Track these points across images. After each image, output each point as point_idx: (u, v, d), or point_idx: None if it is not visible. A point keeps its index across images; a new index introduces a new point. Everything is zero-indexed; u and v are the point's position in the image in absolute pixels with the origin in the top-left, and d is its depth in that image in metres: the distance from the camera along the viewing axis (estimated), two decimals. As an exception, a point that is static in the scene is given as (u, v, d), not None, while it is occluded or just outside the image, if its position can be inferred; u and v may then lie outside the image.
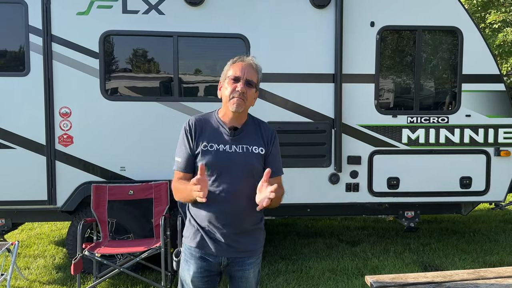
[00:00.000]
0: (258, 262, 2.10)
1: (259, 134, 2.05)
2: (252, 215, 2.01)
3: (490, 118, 4.39)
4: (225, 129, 2.01)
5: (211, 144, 1.97)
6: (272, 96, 4.16)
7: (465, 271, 2.41)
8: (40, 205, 4.02)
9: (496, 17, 10.19)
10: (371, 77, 4.24)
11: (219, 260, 1.99)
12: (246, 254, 2.02)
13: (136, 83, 4.15)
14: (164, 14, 4.01)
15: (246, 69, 1.97)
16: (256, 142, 2.02)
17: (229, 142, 1.98)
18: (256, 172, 2.00)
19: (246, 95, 1.96)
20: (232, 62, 2.03)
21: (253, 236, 2.05)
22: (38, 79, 3.92)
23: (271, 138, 2.07)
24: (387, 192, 4.35)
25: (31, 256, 4.73)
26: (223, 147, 1.97)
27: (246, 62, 2.00)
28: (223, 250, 1.98)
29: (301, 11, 4.13)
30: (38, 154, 3.97)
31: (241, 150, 1.98)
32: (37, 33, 3.90)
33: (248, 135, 2.03)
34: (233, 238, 1.98)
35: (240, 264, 2.02)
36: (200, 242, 2.00)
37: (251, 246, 2.04)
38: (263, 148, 2.02)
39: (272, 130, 2.11)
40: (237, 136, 2.00)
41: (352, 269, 4.26)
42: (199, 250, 2.00)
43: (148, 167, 4.08)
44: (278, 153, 2.11)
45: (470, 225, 5.90)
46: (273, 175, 2.05)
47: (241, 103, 1.95)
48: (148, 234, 4.06)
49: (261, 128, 2.08)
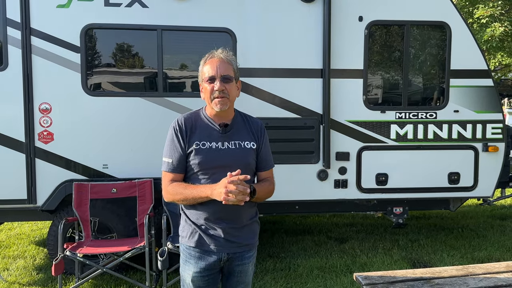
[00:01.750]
0: (255, 255, 2.15)
1: (249, 128, 2.07)
2: (250, 209, 2.05)
3: (478, 114, 4.45)
4: (215, 126, 2.01)
5: (203, 142, 1.97)
6: (259, 92, 4.14)
7: (454, 268, 2.44)
8: (19, 204, 3.95)
9: (484, 12, 10.31)
10: (360, 72, 4.25)
11: (219, 257, 2.01)
12: (245, 248, 2.05)
13: (119, 78, 4.09)
14: (148, 7, 3.96)
15: (219, 65, 1.96)
16: (247, 137, 2.04)
17: (221, 139, 1.99)
18: (250, 166, 2.03)
19: (226, 91, 1.95)
20: (204, 62, 2.02)
21: (251, 229, 2.08)
22: (17, 74, 3.83)
23: (260, 131, 2.09)
24: (375, 189, 4.38)
25: (11, 257, 4.65)
26: (215, 145, 1.98)
27: (217, 58, 1.98)
28: (223, 246, 1.99)
29: (289, 5, 4.12)
30: (17, 151, 3.89)
31: (234, 146, 2.00)
32: (15, 26, 3.81)
33: (238, 130, 2.04)
34: (231, 233, 1.99)
35: (240, 259, 2.05)
36: (198, 241, 2.00)
37: (250, 240, 2.07)
38: (254, 143, 2.04)
39: (260, 123, 2.13)
40: (228, 132, 2.01)
41: (340, 266, 4.29)
42: (198, 249, 2.01)
43: (132, 164, 4.03)
44: (269, 146, 2.14)
45: (458, 221, 5.98)
46: (267, 168, 2.11)
47: (224, 101, 1.96)
48: (132, 233, 4.02)
49: (249, 122, 2.10)
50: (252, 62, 4.13)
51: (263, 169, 2.10)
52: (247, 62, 4.10)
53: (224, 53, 2.01)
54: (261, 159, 2.08)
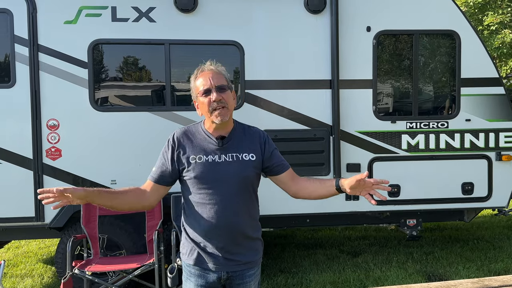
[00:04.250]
0: (258, 273, 2.10)
1: (249, 139, 2.03)
2: (249, 226, 2.01)
3: (491, 122, 4.45)
4: (212, 139, 1.99)
5: (199, 156, 1.95)
6: (268, 104, 4.18)
7: (470, 280, 2.42)
8: (27, 222, 3.98)
9: (494, 19, 10.35)
10: (369, 82, 4.28)
11: (219, 275, 1.98)
12: (246, 266, 2.01)
13: (126, 93, 4.15)
14: (155, 21, 4.04)
15: (211, 77, 1.94)
16: (246, 149, 2.00)
17: (217, 152, 1.96)
18: (249, 179, 1.99)
19: (224, 101, 1.93)
20: (194, 77, 2.01)
21: (252, 246, 2.04)
22: (24, 91, 3.91)
23: (263, 140, 2.05)
24: (388, 200, 4.36)
25: (18, 275, 4.67)
26: (212, 158, 1.95)
27: (207, 70, 1.98)
28: (222, 265, 1.97)
29: (296, 17, 4.18)
30: (25, 168, 3.94)
31: (231, 159, 1.96)
32: (23, 43, 3.90)
33: (236, 142, 2.00)
34: (231, 251, 1.97)
35: (240, 277, 2.01)
36: (197, 259, 1.99)
37: (251, 257, 2.03)
38: (253, 155, 1.99)
39: (261, 131, 2.09)
40: (225, 145, 1.98)
41: (354, 281, 4.26)
42: (197, 267, 2.00)
43: (140, 179, 4.03)
44: (277, 150, 2.10)
45: (473, 232, 5.93)
46: (285, 168, 2.07)
47: (224, 112, 1.93)
48: (141, 250, 4.03)
49: (249, 133, 2.06)
50: (260, 74, 4.18)
51: (282, 171, 2.05)
52: (255, 74, 4.15)
53: (213, 65, 2.00)
54: (276, 164, 2.05)
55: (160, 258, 3.79)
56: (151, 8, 4.02)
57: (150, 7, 4.02)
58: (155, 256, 3.67)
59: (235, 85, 4.23)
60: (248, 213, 2.01)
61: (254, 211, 2.06)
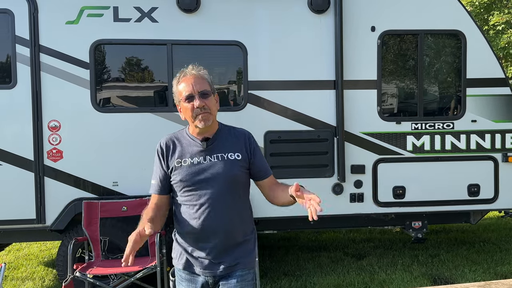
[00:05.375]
0: (250, 279, 2.03)
1: (233, 140, 2.04)
2: (238, 228, 2.00)
3: (497, 123, 4.43)
4: (197, 142, 2.00)
5: (184, 159, 1.97)
6: (271, 104, 4.17)
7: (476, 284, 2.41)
8: (28, 224, 3.98)
9: (499, 18, 10.31)
10: (373, 83, 4.27)
11: (206, 279, 1.98)
12: (233, 268, 1.99)
13: (128, 94, 4.15)
14: (158, 21, 4.03)
15: (194, 82, 1.94)
16: (230, 148, 2.01)
17: (202, 153, 1.98)
18: (236, 179, 1.99)
19: (207, 107, 1.94)
20: (177, 82, 2.01)
21: (242, 249, 2.01)
22: (26, 92, 3.90)
23: (247, 140, 2.05)
24: (393, 202, 4.36)
25: (19, 278, 4.67)
26: (196, 160, 1.97)
27: (189, 75, 1.97)
28: (208, 268, 1.97)
29: (300, 17, 4.18)
30: (26, 170, 3.94)
31: (217, 159, 1.97)
32: (24, 44, 3.90)
33: (221, 143, 2.01)
34: (217, 254, 1.96)
35: (226, 278, 1.99)
36: (186, 263, 2.01)
37: (239, 259, 1.99)
38: (239, 154, 2.00)
39: (246, 132, 2.09)
40: (210, 146, 1.99)
41: (358, 284, 4.25)
42: (187, 272, 2.01)
43: (142, 181, 4.03)
44: (261, 153, 2.11)
45: (479, 234, 5.91)
46: (268, 174, 2.07)
47: (207, 117, 1.94)
48: (143, 253, 4.01)
49: (234, 133, 2.07)
50: (264, 75, 4.17)
51: (264, 177, 2.06)
52: (258, 74, 4.15)
53: (195, 69, 2.00)
54: (258, 169, 2.05)
55: (162, 261, 3.78)
56: (153, 8, 4.02)
57: (153, 7, 4.02)
58: (157, 259, 3.66)
59: (238, 86, 4.23)
60: (237, 215, 2.00)
61: (244, 212, 2.05)
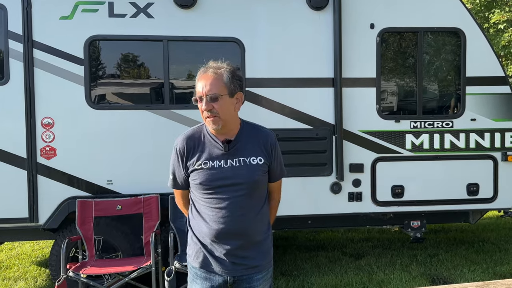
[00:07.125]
0: (269, 277, 2.08)
1: (256, 142, 2.01)
2: (258, 229, 2.02)
3: (496, 122, 4.44)
4: (218, 143, 1.97)
5: (205, 162, 1.95)
6: (269, 102, 4.17)
7: (475, 284, 2.41)
8: (20, 222, 3.96)
9: (500, 16, 10.30)
10: (372, 81, 4.27)
11: (225, 279, 1.98)
12: (253, 270, 2.00)
13: (124, 91, 4.13)
14: (154, 17, 4.01)
15: (205, 84, 1.90)
16: (253, 152, 1.98)
17: (224, 157, 1.95)
18: (258, 183, 1.99)
19: (215, 110, 1.90)
20: (197, 78, 1.97)
21: (261, 249, 2.03)
22: (18, 88, 3.88)
23: (271, 145, 2.04)
24: (391, 201, 4.36)
25: (11, 278, 4.64)
26: (218, 163, 1.94)
27: (205, 74, 1.93)
28: (228, 269, 1.97)
29: (298, 13, 4.16)
30: (18, 168, 3.91)
31: (238, 164, 1.95)
32: (17, 39, 3.87)
33: (244, 146, 1.98)
34: (238, 255, 1.97)
35: (248, 281, 2.00)
36: (203, 262, 1.99)
37: (259, 261, 2.02)
38: (261, 158, 1.98)
39: (271, 135, 2.07)
40: (232, 149, 1.97)
41: (356, 284, 4.25)
42: (203, 270, 2.00)
43: (137, 180, 4.04)
44: (281, 157, 2.12)
45: (478, 234, 5.93)
46: (276, 179, 2.11)
47: (215, 120, 1.91)
48: (137, 252, 4.01)
49: (258, 134, 2.04)
50: (261, 72, 4.16)
51: (272, 181, 2.09)
52: (256, 72, 4.13)
53: (214, 67, 1.94)
54: (272, 172, 2.06)
55: (157, 261, 3.77)
56: (149, 4, 4.00)
57: (148, 3, 4.00)
58: (152, 259, 3.66)
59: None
60: (257, 217, 2.00)
61: (263, 213, 2.05)
